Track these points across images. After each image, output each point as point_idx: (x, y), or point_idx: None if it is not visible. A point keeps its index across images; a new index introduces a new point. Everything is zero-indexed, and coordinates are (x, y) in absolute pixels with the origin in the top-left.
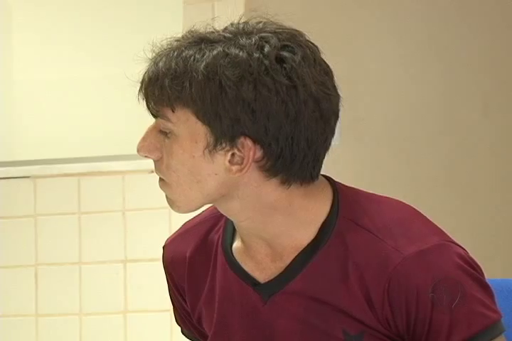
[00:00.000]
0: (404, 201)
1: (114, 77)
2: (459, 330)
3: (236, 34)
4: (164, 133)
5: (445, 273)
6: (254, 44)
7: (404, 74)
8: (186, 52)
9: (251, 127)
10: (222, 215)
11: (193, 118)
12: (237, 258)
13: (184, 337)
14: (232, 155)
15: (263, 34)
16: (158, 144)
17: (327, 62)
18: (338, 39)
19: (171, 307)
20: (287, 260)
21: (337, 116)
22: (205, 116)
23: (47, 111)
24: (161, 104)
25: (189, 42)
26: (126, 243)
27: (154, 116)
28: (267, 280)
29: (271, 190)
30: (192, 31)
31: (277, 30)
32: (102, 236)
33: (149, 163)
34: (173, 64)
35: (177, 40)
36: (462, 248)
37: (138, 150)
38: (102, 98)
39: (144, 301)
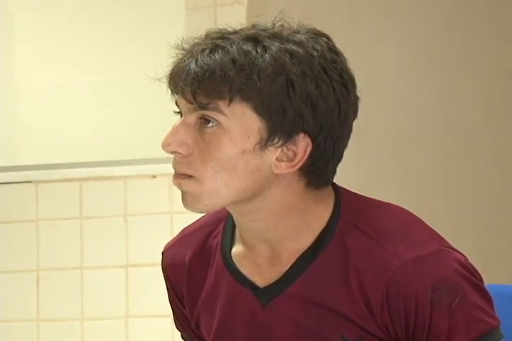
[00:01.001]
0: (404, 206)
1: (117, 81)
2: (458, 336)
3: (286, 33)
4: (199, 129)
5: (444, 279)
6: (308, 43)
7: (405, 79)
8: (245, 46)
9: (311, 123)
10: (221, 220)
11: (249, 112)
12: (236, 262)
13: None
14: (281, 151)
15: (313, 35)
16: (188, 139)
17: None
18: (339, 44)
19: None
20: (287, 264)
21: None
22: (267, 110)
23: (49, 116)
24: (217, 96)
25: (240, 38)
26: (127, 248)
27: (196, 109)
28: (266, 285)
29: (295, 192)
30: (217, 29)
31: (322, 33)
32: (103, 241)
33: (151, 168)
34: (236, 56)
35: (216, 37)
36: (461, 254)
37: (166, 146)
38: (105, 103)
39: (146, 306)
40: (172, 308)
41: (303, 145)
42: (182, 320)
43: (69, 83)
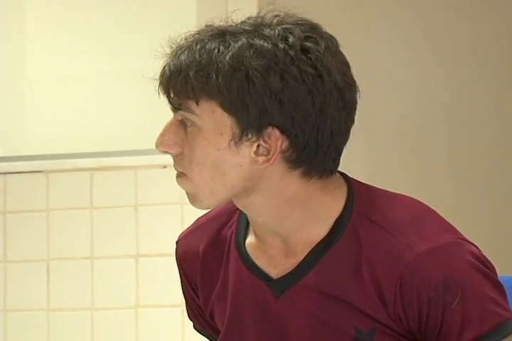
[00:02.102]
0: (415, 197)
1: (127, 71)
2: (471, 328)
3: (257, 26)
4: (184, 127)
5: (457, 270)
6: (278, 35)
7: (416, 70)
8: (210, 44)
9: (278, 117)
10: (235, 210)
11: (218, 110)
12: (250, 253)
13: (196, 332)
14: (258, 146)
15: (285, 26)
16: (177, 139)
17: None
18: (350, 35)
19: (182, 302)
20: (301, 256)
21: (356, 108)
22: (232, 107)
23: (60, 106)
24: (185, 96)
25: (211, 35)
26: (138, 238)
27: (175, 109)
28: (279, 276)
29: (292, 183)
30: (209, 25)
31: (299, 22)
32: (114, 231)
33: (162, 158)
34: (197, 56)
35: (196, 34)
36: (475, 246)
37: (157, 146)
38: (115, 93)
39: (156, 296)
40: (185, 298)
41: (274, 139)
42: (195, 310)
43: (80, 73)
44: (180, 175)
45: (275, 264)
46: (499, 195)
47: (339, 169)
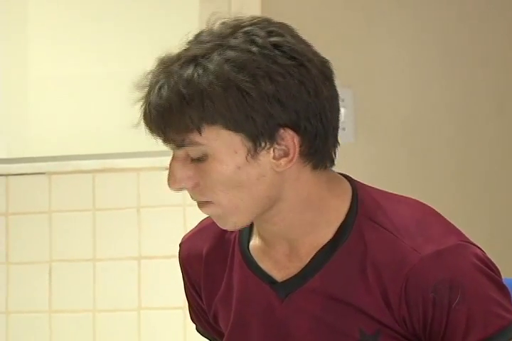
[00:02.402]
0: (419, 199)
1: (130, 73)
2: (475, 330)
3: (219, 40)
4: (191, 159)
5: (462, 273)
6: (245, 41)
7: (420, 71)
8: (185, 72)
9: (284, 116)
10: None
11: (223, 132)
12: (254, 256)
13: (198, 334)
14: (274, 150)
15: (243, 30)
16: (189, 172)
17: (344, 58)
18: (354, 35)
19: (185, 304)
20: (306, 259)
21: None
22: (237, 124)
23: (62, 107)
24: (185, 130)
25: (182, 63)
26: (140, 240)
27: (178, 147)
28: (284, 279)
29: (305, 181)
30: (164, 57)
31: (252, 21)
32: (116, 233)
33: (164, 160)
34: (180, 87)
35: (161, 69)
36: (479, 248)
37: (171, 186)
38: (118, 94)
39: (158, 298)
40: (188, 301)
41: (288, 138)
42: (198, 313)
43: (82, 75)
44: (205, 204)
45: (280, 268)
46: (502, 197)
47: (342, 170)
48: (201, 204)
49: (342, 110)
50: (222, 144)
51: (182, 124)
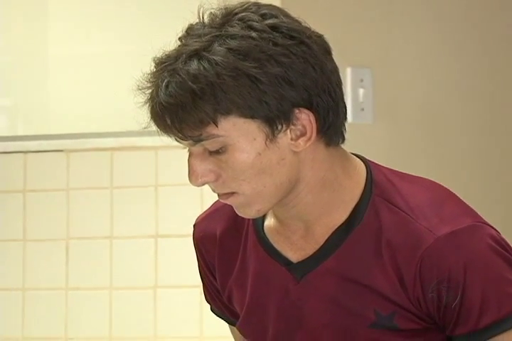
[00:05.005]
0: (437, 181)
1: (150, 51)
2: (490, 312)
3: (216, 30)
4: (209, 152)
5: (477, 253)
6: (242, 28)
7: (439, 52)
8: (190, 68)
9: (296, 96)
10: None
11: (239, 120)
12: (269, 237)
13: (213, 314)
14: (290, 131)
15: (237, 16)
16: (209, 166)
17: (363, 39)
18: (373, 16)
19: (201, 283)
20: (321, 240)
21: None
22: (252, 110)
23: (81, 86)
24: (200, 125)
25: (183, 60)
26: (157, 218)
27: (195, 142)
28: (300, 260)
29: (321, 159)
30: (162, 56)
31: (243, 7)
32: (133, 211)
33: None
34: (189, 83)
35: (162, 68)
36: (495, 229)
37: (193, 182)
38: (138, 72)
39: (175, 276)
40: (202, 281)
41: (304, 118)
42: (212, 293)
43: (102, 52)
44: (229, 195)
45: (296, 249)
46: None
47: (361, 152)
48: (224, 196)
49: (361, 91)
50: (240, 133)
51: (197, 119)
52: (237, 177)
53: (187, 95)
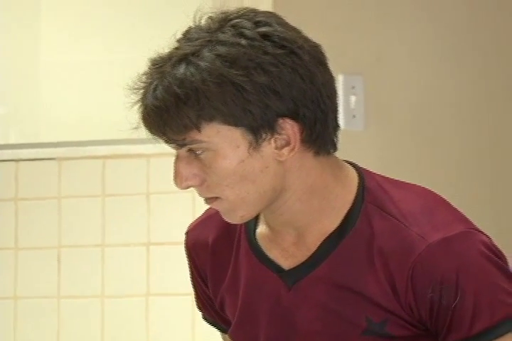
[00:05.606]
0: (428, 187)
1: (141, 60)
2: (482, 319)
3: (208, 36)
4: (195, 156)
5: (469, 260)
6: (233, 34)
7: (431, 59)
8: (177, 72)
9: (281, 106)
10: None
11: (223, 127)
12: (260, 244)
13: (205, 322)
14: (275, 140)
15: (230, 23)
16: (194, 170)
17: (354, 45)
18: (365, 22)
19: (193, 290)
20: (313, 247)
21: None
22: (235, 118)
23: (73, 93)
24: (184, 129)
25: (172, 64)
26: (149, 226)
27: (180, 146)
28: (291, 267)
29: (309, 167)
30: (156, 57)
31: (239, 14)
32: (125, 219)
33: None
34: (175, 88)
35: (153, 70)
36: (487, 236)
37: (178, 185)
38: (129, 81)
39: (167, 284)
40: (194, 289)
41: (288, 127)
42: (204, 300)
43: (94, 60)
44: (213, 199)
45: (287, 256)
46: (509, 185)
47: (352, 159)
48: (209, 201)
49: (352, 98)
50: (224, 139)
51: (180, 124)
52: (220, 182)
53: (171, 99)
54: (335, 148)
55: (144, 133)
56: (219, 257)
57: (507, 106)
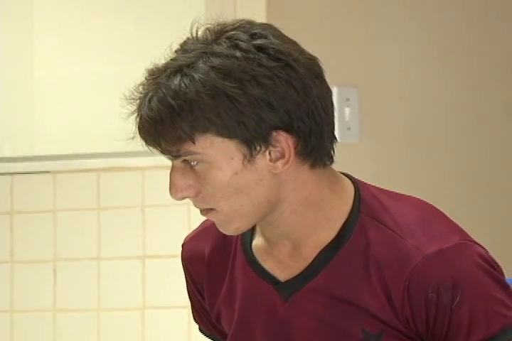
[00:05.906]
0: (423, 199)
1: (135, 72)
2: (479, 330)
3: (203, 47)
4: (190, 167)
5: (465, 272)
6: (228, 46)
7: (425, 72)
8: (172, 83)
9: (275, 118)
10: None
11: (217, 139)
12: (257, 256)
13: (202, 334)
14: (270, 153)
15: (226, 34)
16: (189, 181)
17: (349, 58)
18: (360, 35)
19: (189, 303)
20: (309, 258)
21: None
22: (229, 130)
23: (68, 106)
24: (178, 141)
25: (167, 75)
26: (145, 239)
27: (174, 157)
28: (287, 279)
29: (305, 181)
30: (153, 68)
31: (235, 26)
32: (120, 232)
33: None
34: (169, 99)
35: (149, 81)
36: (483, 247)
37: (173, 196)
38: (125, 92)
39: (163, 297)
40: (191, 301)
41: (282, 140)
42: (201, 313)
43: (89, 73)
44: (208, 211)
45: (283, 268)
46: (504, 197)
47: (347, 170)
48: (204, 212)
49: (347, 110)
50: (218, 151)
51: (175, 135)
52: (214, 194)
53: (166, 111)
54: (331, 161)
55: (138, 145)
56: (215, 269)
57: (501, 117)
